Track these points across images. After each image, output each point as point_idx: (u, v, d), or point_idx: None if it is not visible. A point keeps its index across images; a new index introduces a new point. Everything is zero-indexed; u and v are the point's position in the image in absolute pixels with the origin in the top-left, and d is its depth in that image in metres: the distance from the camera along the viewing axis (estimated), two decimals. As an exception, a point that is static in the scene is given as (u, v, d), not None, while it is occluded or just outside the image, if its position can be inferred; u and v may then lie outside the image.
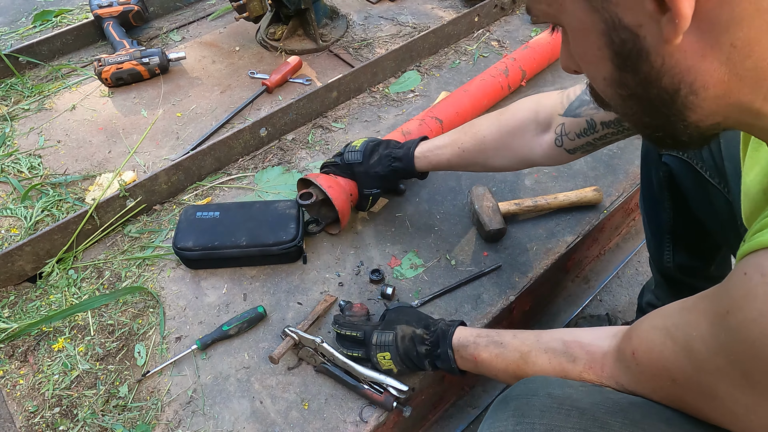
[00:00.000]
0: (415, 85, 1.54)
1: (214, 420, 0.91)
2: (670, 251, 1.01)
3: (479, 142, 0.93)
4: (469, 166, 0.98)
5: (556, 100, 0.81)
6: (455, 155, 0.97)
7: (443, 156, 0.99)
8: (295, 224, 1.08)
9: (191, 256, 1.07)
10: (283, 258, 1.10)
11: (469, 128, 0.96)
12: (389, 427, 0.94)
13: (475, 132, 0.94)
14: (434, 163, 1.00)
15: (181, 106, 1.50)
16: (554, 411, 0.55)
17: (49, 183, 1.30)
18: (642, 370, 0.56)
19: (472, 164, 0.97)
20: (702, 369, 0.47)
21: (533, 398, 0.58)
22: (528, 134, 0.87)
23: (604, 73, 0.44)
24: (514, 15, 1.80)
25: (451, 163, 0.99)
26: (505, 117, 0.90)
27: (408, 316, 0.87)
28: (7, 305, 1.07)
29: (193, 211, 1.11)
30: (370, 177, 1.06)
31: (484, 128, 0.93)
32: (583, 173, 1.28)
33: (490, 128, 0.92)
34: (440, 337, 0.82)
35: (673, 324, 0.51)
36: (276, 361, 0.91)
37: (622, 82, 0.43)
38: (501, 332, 0.77)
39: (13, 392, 0.96)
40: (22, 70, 1.62)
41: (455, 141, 0.97)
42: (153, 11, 1.81)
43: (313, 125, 1.43)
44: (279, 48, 1.67)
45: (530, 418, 0.56)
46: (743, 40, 0.37)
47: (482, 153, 0.94)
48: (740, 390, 0.44)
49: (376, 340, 0.85)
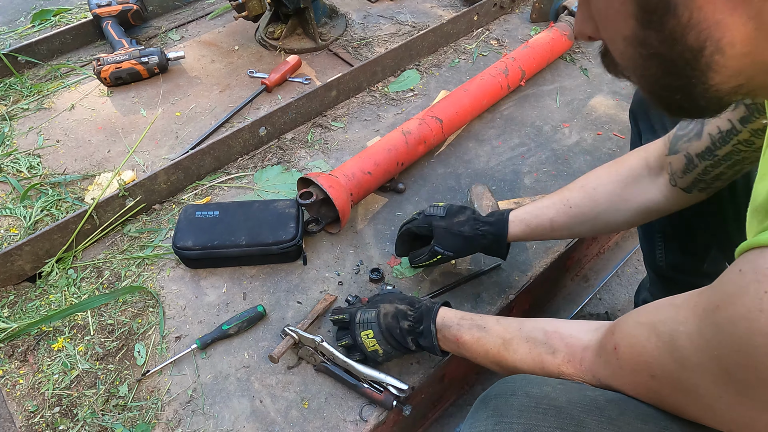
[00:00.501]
0: (414, 84, 1.54)
1: (214, 419, 0.91)
2: (662, 250, 1.02)
3: (589, 195, 0.85)
4: (577, 225, 0.87)
5: (661, 143, 0.79)
6: (561, 213, 0.87)
7: (545, 216, 0.88)
8: (294, 224, 1.08)
9: (191, 255, 1.07)
10: (282, 257, 1.10)
11: (575, 184, 0.88)
12: (389, 426, 0.94)
13: (582, 185, 0.86)
14: (533, 226, 0.90)
15: (181, 106, 1.50)
16: (532, 410, 0.56)
17: (49, 182, 1.30)
18: (622, 365, 0.56)
19: (582, 222, 0.86)
20: (685, 365, 0.47)
21: (512, 398, 0.59)
22: (643, 180, 0.81)
23: (625, 32, 0.42)
24: (514, 14, 1.80)
25: (555, 225, 0.88)
26: (616, 167, 0.84)
27: (393, 296, 0.89)
28: (7, 305, 1.07)
29: (193, 210, 1.11)
30: (451, 234, 0.94)
31: (593, 180, 0.86)
32: (582, 172, 1.28)
33: (600, 179, 0.85)
34: (424, 313, 0.82)
35: (659, 320, 0.51)
36: (276, 360, 0.91)
37: (644, 40, 0.42)
38: (485, 317, 0.78)
39: (12, 392, 0.96)
40: (21, 70, 1.62)
41: (559, 198, 0.88)
42: (152, 10, 1.81)
43: (312, 124, 1.43)
44: (278, 47, 1.67)
45: (509, 417, 0.57)
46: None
47: (594, 208, 0.84)
48: (722, 387, 0.44)
49: (359, 317, 0.87)
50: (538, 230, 0.90)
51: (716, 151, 0.69)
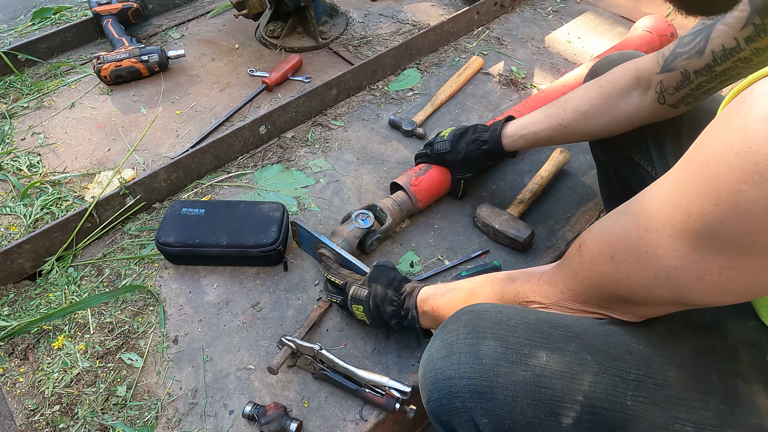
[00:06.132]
0: (414, 83, 1.53)
1: (214, 418, 0.91)
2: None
3: (582, 116, 0.93)
4: (568, 138, 0.99)
5: (652, 61, 0.83)
6: (555, 131, 0.98)
7: (541, 133, 1.00)
8: (276, 228, 1.07)
9: (171, 251, 1.07)
10: (262, 261, 1.09)
11: (567, 103, 0.96)
12: (389, 425, 0.94)
13: (576, 107, 0.94)
14: (530, 141, 1.02)
15: (181, 104, 1.50)
16: (503, 324, 0.60)
17: (49, 181, 1.29)
18: (583, 260, 0.58)
19: (573, 137, 0.98)
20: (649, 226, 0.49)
21: (484, 313, 0.62)
22: (632, 95, 0.87)
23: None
24: (514, 12, 1.80)
25: (551, 139, 1.00)
26: (607, 87, 0.91)
27: (386, 277, 0.93)
28: (7, 303, 1.07)
29: (180, 206, 1.11)
30: (460, 163, 1.12)
31: (585, 101, 0.93)
32: (582, 171, 1.28)
33: (592, 100, 0.92)
34: (407, 298, 0.88)
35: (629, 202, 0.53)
36: (275, 371, 0.89)
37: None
38: (459, 281, 0.82)
39: (13, 390, 0.96)
40: (21, 68, 1.61)
41: (553, 116, 0.98)
42: (152, 9, 1.81)
43: (312, 123, 1.43)
44: (278, 45, 1.66)
45: (481, 329, 0.60)
46: None
47: (587, 126, 0.94)
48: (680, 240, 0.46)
49: (353, 293, 0.93)
50: (535, 144, 1.03)
51: (715, 68, 0.73)
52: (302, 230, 1.06)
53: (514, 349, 0.57)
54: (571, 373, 0.55)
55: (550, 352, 0.56)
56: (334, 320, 1.02)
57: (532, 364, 0.56)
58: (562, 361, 0.56)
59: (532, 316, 0.61)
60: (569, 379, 0.55)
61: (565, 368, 0.55)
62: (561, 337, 0.57)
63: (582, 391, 0.54)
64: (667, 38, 1.41)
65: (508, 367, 0.56)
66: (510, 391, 0.56)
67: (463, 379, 0.58)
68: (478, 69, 1.56)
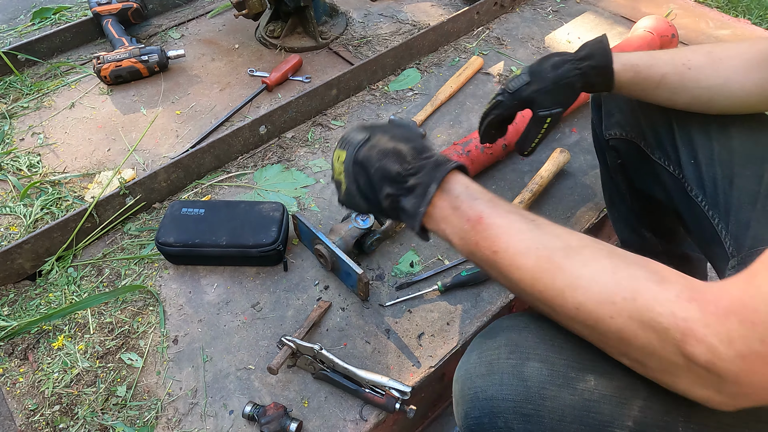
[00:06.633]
0: (414, 83, 1.53)
1: (214, 418, 0.91)
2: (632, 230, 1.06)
3: (713, 62, 0.75)
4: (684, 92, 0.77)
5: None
6: (677, 72, 0.76)
7: (658, 69, 0.77)
8: (276, 227, 1.07)
9: (171, 251, 1.07)
10: (262, 261, 1.08)
11: (700, 47, 0.78)
12: (389, 425, 0.94)
13: (709, 51, 0.76)
14: (641, 76, 0.77)
15: (181, 104, 1.50)
16: (547, 344, 0.56)
17: (48, 181, 1.29)
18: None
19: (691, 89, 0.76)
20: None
21: (525, 330, 0.58)
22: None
23: None
24: (514, 12, 1.80)
25: (663, 82, 0.77)
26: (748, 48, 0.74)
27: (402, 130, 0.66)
28: (7, 303, 1.07)
29: (179, 206, 1.11)
30: (551, 90, 0.81)
31: (720, 51, 0.76)
32: (582, 171, 1.28)
33: (729, 52, 0.75)
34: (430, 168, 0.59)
35: None
36: (275, 371, 0.89)
37: None
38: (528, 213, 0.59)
39: (12, 390, 0.96)
40: (21, 68, 1.61)
41: (678, 55, 0.77)
42: (152, 9, 1.81)
43: (312, 123, 1.43)
44: (278, 45, 1.67)
45: (524, 348, 0.57)
46: None
47: (713, 77, 0.75)
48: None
49: (346, 134, 0.68)
50: (643, 83, 0.78)
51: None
52: (302, 224, 1.06)
53: (560, 372, 0.55)
54: (620, 398, 0.53)
55: (598, 375, 0.54)
56: (334, 320, 1.02)
57: (579, 388, 0.54)
58: (610, 385, 0.53)
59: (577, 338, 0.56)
60: (618, 404, 0.52)
61: (614, 392, 0.53)
62: (608, 359, 0.54)
63: (632, 417, 0.52)
64: (668, 39, 1.41)
65: (555, 391, 0.54)
66: (557, 415, 0.54)
67: (507, 401, 0.56)
68: (478, 69, 1.56)
